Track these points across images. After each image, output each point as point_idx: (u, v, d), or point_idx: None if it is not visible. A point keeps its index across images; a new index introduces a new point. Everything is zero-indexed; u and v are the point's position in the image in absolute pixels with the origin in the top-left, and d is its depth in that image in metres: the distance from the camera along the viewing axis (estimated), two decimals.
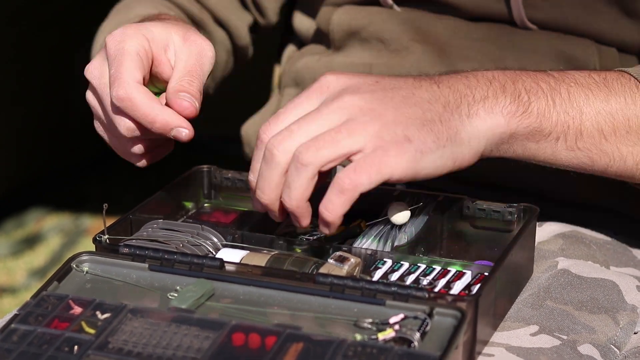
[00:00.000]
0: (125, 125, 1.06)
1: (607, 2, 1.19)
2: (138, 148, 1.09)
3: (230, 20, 1.41)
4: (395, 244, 1.05)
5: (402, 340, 0.90)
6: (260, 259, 1.01)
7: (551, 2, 1.20)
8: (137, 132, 1.06)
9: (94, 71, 1.09)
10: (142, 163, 1.11)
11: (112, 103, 1.06)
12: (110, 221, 1.07)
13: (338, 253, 1.01)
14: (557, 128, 1.01)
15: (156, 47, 1.09)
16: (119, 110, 1.06)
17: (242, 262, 1.02)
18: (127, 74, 1.05)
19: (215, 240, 1.06)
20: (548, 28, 1.21)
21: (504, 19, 1.22)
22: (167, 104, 1.06)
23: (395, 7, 1.27)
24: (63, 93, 2.58)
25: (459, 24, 1.24)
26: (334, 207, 0.94)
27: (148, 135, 1.07)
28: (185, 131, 1.05)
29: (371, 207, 1.13)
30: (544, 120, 1.01)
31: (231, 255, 1.03)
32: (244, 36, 1.43)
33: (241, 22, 1.42)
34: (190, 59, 1.08)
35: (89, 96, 1.12)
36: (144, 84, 1.07)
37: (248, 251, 1.04)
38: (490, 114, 0.99)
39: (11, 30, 2.38)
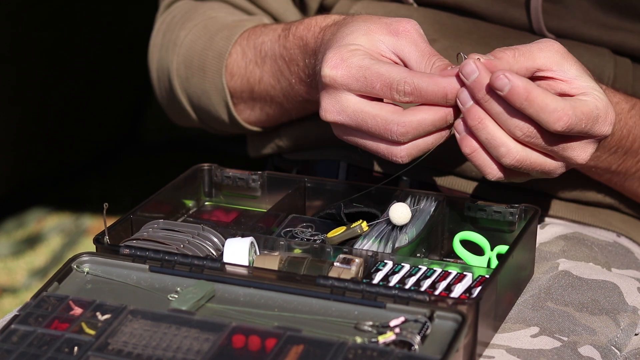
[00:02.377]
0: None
1: (621, 15, 1.20)
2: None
3: (287, 18, 1.39)
4: (397, 244, 1.05)
5: (402, 343, 0.89)
6: (271, 262, 1.01)
7: (569, 13, 1.21)
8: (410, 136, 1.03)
9: (342, 115, 1.04)
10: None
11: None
12: (110, 221, 1.07)
13: (342, 255, 1.01)
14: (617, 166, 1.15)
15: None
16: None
17: (253, 264, 1.02)
18: (396, 76, 1.01)
19: (216, 240, 1.06)
20: (565, 37, 1.22)
21: (523, 26, 1.23)
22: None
23: (415, 5, 1.27)
24: (62, 93, 2.58)
25: (477, 23, 1.25)
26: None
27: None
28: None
29: (372, 207, 1.13)
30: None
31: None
32: None
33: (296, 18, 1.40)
34: (420, 41, 1.06)
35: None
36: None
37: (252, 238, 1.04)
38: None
39: (9, 30, 2.38)
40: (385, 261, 1.02)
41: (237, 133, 1.36)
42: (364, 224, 1.08)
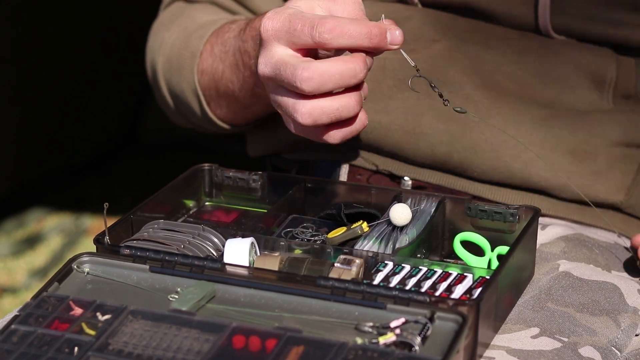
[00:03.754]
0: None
1: (626, 10, 1.20)
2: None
3: None
4: (397, 245, 1.05)
5: (403, 344, 0.89)
6: (272, 262, 1.01)
7: (573, 9, 1.21)
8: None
9: (268, 66, 1.03)
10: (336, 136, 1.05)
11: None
12: (111, 221, 1.07)
13: (342, 256, 1.01)
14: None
15: None
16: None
17: (253, 265, 1.01)
18: (319, 17, 1.01)
19: (216, 240, 1.06)
20: (570, 36, 1.22)
21: (528, 24, 1.23)
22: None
23: (419, 5, 1.28)
24: (62, 93, 2.58)
25: (479, 24, 1.25)
26: None
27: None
28: (397, 30, 1.02)
29: (373, 208, 1.13)
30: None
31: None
32: None
33: None
34: (354, 9, 1.05)
35: (275, 94, 1.05)
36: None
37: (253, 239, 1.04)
38: None
39: (9, 30, 2.38)
40: (386, 262, 1.02)
41: (225, 131, 1.37)
42: (365, 225, 1.08)
